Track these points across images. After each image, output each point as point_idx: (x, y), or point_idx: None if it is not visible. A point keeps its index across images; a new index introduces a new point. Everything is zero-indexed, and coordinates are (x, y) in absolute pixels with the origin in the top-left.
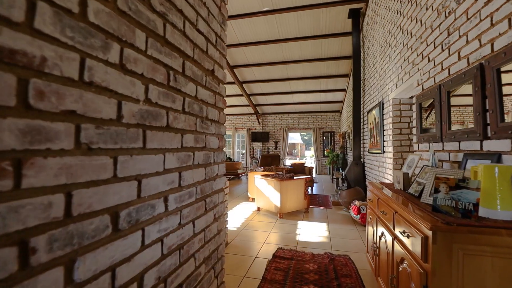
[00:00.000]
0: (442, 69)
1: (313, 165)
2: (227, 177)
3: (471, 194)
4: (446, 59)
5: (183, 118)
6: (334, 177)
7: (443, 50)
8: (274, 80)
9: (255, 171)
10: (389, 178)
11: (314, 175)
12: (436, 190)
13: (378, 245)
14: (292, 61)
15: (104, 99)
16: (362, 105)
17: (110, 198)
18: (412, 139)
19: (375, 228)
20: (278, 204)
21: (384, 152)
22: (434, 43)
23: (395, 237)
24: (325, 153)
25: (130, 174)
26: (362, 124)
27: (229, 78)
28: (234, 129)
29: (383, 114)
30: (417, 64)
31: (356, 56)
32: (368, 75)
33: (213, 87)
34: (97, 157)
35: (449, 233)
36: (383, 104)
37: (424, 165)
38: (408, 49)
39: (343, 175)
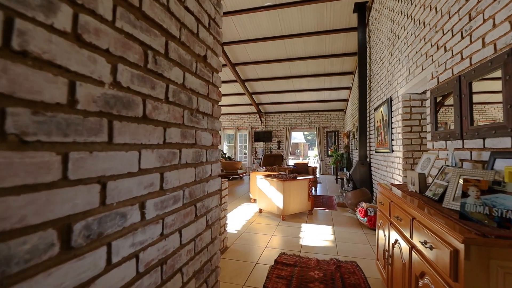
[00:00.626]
0: (462, 59)
1: (317, 165)
2: (226, 178)
3: (510, 199)
4: (466, 47)
5: (166, 108)
6: (338, 177)
7: (463, 38)
8: (276, 78)
9: (257, 171)
10: (398, 179)
11: (318, 175)
12: (464, 194)
13: (391, 253)
14: (295, 58)
15: (47, 76)
16: (368, 103)
17: (58, 207)
18: (424, 137)
19: (387, 234)
20: (281, 206)
21: (392, 151)
22: (452, 30)
23: (413, 247)
24: (329, 152)
25: (90, 176)
26: (368, 122)
27: (231, 76)
28: (237, 128)
29: (391, 111)
30: (431, 55)
31: (361, 52)
32: (374, 71)
33: (205, 75)
34: (34, 153)
35: (485, 247)
36: (391, 100)
37: (443, 165)
38: (420, 40)
39: (348, 175)
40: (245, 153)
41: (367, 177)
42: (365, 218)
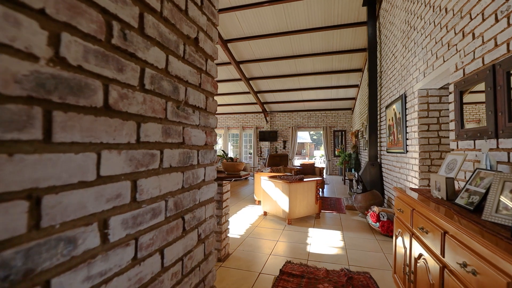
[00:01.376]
0: (496, 45)
1: (323, 165)
2: (228, 180)
3: None
4: (502, 31)
5: (141, 98)
6: (346, 178)
7: (497, 21)
8: (282, 76)
9: (262, 171)
10: (414, 181)
11: (325, 176)
12: None
13: (413, 268)
14: (301, 55)
15: None
16: (378, 100)
17: None
18: (442, 136)
19: (407, 246)
20: (287, 209)
21: (407, 151)
22: (483, 14)
23: (444, 266)
24: (336, 152)
25: (10, 190)
26: (378, 121)
27: (236, 74)
28: (242, 128)
29: (405, 109)
30: (455, 44)
31: (371, 47)
32: (385, 67)
33: (196, 62)
34: None
35: None
36: (405, 97)
37: (477, 169)
38: (441, 28)
39: (358, 176)
40: (250, 153)
41: (377, 178)
42: (377, 223)
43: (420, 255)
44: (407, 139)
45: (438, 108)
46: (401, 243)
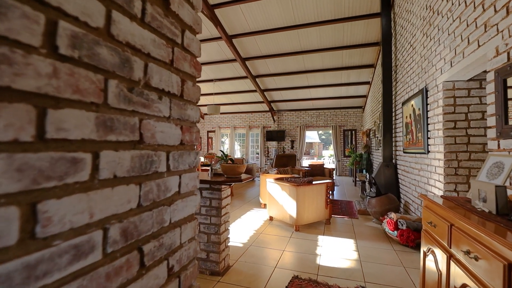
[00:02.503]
0: None
1: (333, 165)
2: (227, 184)
3: None
4: None
5: (49, 68)
6: (357, 179)
7: None
8: (290, 73)
9: (268, 173)
10: (437, 185)
11: (334, 177)
12: None
13: None
14: (310, 50)
15: None
16: (393, 97)
17: None
18: (472, 135)
19: (443, 270)
20: (294, 214)
21: (428, 152)
22: None
23: None
24: (346, 152)
25: None
26: (394, 118)
27: (241, 72)
28: (248, 127)
29: (427, 104)
30: (496, 23)
31: (386, 40)
32: (402, 60)
33: (165, 29)
34: None
35: None
36: (427, 91)
37: None
38: (475, 7)
39: (369, 177)
40: (257, 153)
41: (392, 181)
42: (395, 231)
43: (465, 286)
44: (428, 138)
45: (466, 102)
46: (433, 264)
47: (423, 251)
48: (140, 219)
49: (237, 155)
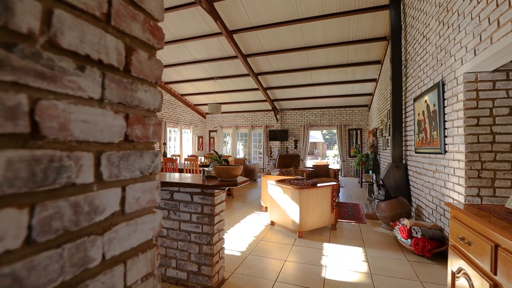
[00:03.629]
0: None
1: (337, 166)
2: (221, 189)
3: None
4: None
5: None
6: (363, 180)
7: None
8: (293, 70)
9: (270, 174)
10: (456, 189)
11: (340, 178)
12: None
13: None
14: (314, 46)
15: None
16: (403, 93)
17: None
18: (498, 133)
19: None
20: (297, 220)
21: (446, 152)
22: None
23: None
24: (351, 152)
25: None
26: (404, 116)
27: (243, 69)
28: (251, 127)
29: (443, 99)
30: None
31: (395, 33)
32: (413, 53)
33: None
34: None
35: None
36: (443, 85)
37: None
38: None
39: (378, 179)
40: (260, 153)
41: (403, 183)
42: (409, 240)
43: None
44: (445, 136)
45: (491, 96)
46: None
47: (452, 271)
48: (30, 265)
49: (240, 155)
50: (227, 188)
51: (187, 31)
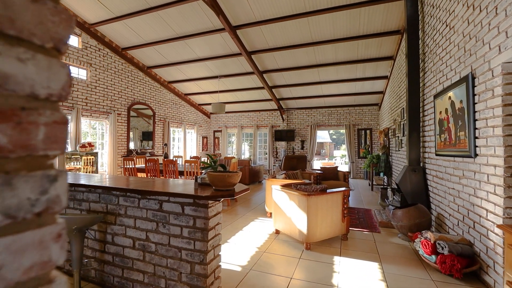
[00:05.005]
0: None
1: (346, 167)
2: (216, 200)
3: None
4: None
5: None
6: (374, 183)
7: None
8: (299, 67)
9: (275, 177)
10: (491, 199)
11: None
12: None
13: None
14: (322, 41)
15: None
16: (421, 90)
17: None
18: None
19: None
20: (304, 230)
21: (476, 155)
22: None
23: None
24: (361, 153)
25: None
26: (421, 115)
27: (248, 67)
28: (256, 127)
29: (474, 95)
30: None
31: (411, 25)
32: (432, 46)
33: None
34: None
35: None
36: (473, 78)
37: None
38: None
39: (389, 181)
40: (265, 153)
41: (421, 189)
42: (434, 256)
43: None
44: (476, 137)
45: None
46: None
47: None
48: None
49: (246, 155)
50: (222, 199)
51: (189, 27)
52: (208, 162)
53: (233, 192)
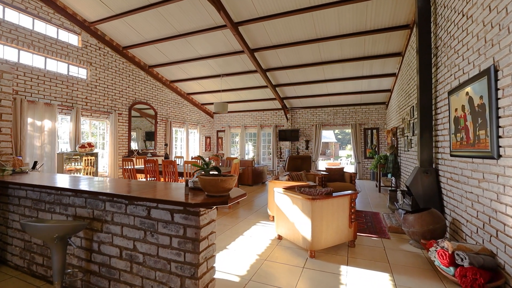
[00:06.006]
0: None
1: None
2: (208, 208)
3: None
4: None
5: None
6: (382, 184)
7: None
8: (304, 65)
9: (278, 178)
10: None
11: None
12: None
13: None
14: (327, 37)
15: None
16: (433, 86)
17: None
18: None
19: None
20: (308, 236)
21: (500, 156)
22: None
23: None
24: (367, 153)
25: None
26: (433, 113)
27: (250, 65)
28: (260, 126)
29: (496, 89)
30: None
31: (422, 17)
32: (446, 39)
33: None
34: None
35: None
36: (495, 71)
37: None
38: None
39: (397, 183)
40: (269, 153)
41: (433, 191)
42: (452, 268)
43: None
44: (499, 136)
45: None
46: None
47: None
48: None
49: (250, 156)
50: (214, 207)
51: (190, 24)
52: (200, 166)
53: (227, 198)
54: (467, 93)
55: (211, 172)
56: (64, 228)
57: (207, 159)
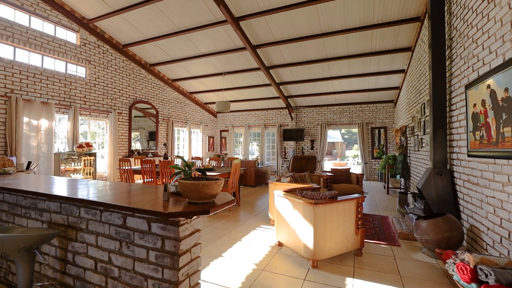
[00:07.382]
0: None
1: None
2: (186, 216)
3: None
4: None
5: None
6: (390, 186)
7: None
8: (308, 62)
9: (280, 180)
10: None
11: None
12: None
13: None
14: (332, 32)
15: None
16: (448, 80)
17: None
18: None
19: None
20: (310, 244)
21: None
22: None
23: None
24: (375, 153)
25: None
26: (448, 109)
27: (253, 63)
28: (264, 126)
29: None
30: None
31: (435, 6)
32: (463, 28)
33: None
34: None
35: None
36: None
37: None
38: None
39: (407, 185)
40: (274, 153)
41: (448, 195)
42: (474, 285)
43: None
44: None
45: None
46: None
47: None
48: None
49: (254, 156)
50: (194, 216)
51: (190, 20)
52: (180, 168)
53: (210, 206)
54: (488, 86)
55: (208, 174)
56: (32, 238)
57: (207, 160)
